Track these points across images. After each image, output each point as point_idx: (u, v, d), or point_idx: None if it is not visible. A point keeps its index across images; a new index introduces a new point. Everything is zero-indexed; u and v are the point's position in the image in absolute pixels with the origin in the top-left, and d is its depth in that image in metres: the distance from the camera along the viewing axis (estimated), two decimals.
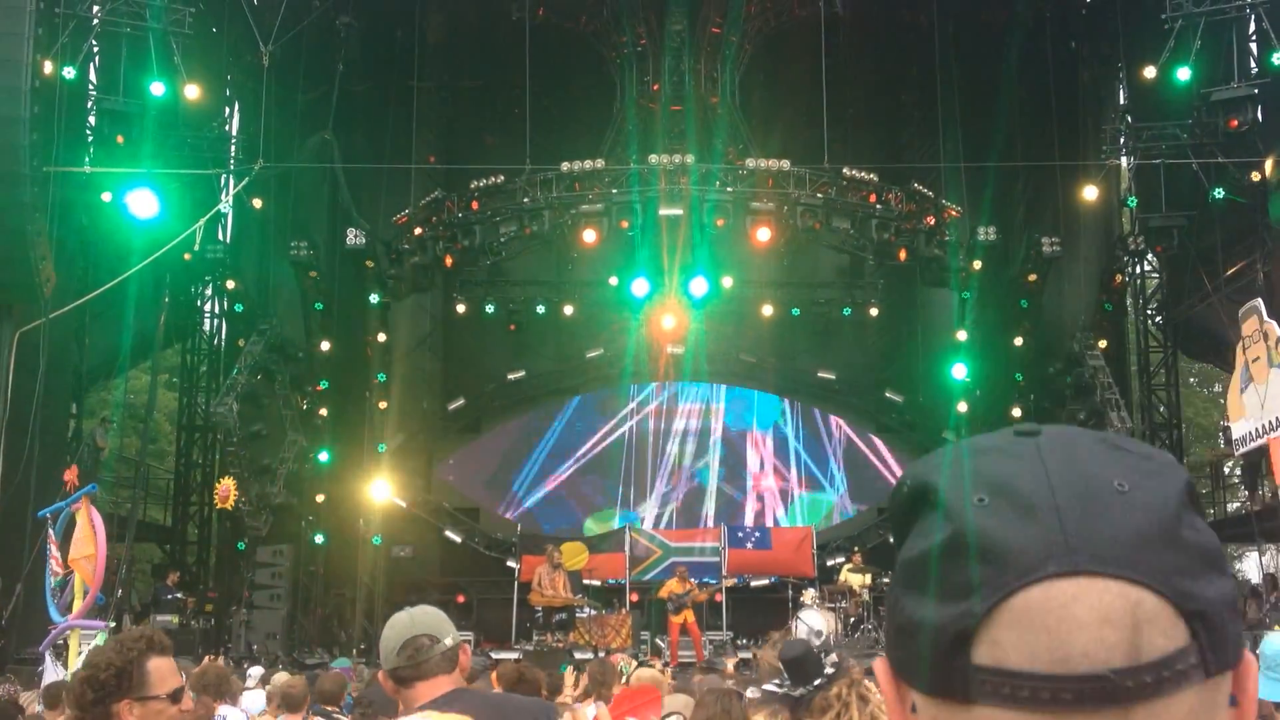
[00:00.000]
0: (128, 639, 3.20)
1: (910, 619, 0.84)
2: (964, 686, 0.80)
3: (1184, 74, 19.66)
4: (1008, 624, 0.79)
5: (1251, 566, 34.03)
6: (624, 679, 8.53)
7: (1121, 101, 23.46)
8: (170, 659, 3.24)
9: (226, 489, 19.47)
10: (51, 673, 9.14)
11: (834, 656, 3.65)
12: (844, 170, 21.38)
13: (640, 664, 11.19)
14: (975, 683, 0.80)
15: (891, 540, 0.91)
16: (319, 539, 22.45)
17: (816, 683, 3.31)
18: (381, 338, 23.77)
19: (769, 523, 26.09)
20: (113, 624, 11.10)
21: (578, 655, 17.00)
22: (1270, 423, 16.65)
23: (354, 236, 21.87)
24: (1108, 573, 0.79)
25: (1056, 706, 0.77)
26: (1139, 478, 0.83)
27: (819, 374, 26.71)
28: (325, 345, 22.92)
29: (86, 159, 19.56)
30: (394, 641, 3.29)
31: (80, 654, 9.17)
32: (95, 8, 18.56)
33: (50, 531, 9.94)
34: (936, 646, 0.81)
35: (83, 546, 9.04)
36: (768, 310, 25.94)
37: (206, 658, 12.90)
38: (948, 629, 0.81)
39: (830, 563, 23.38)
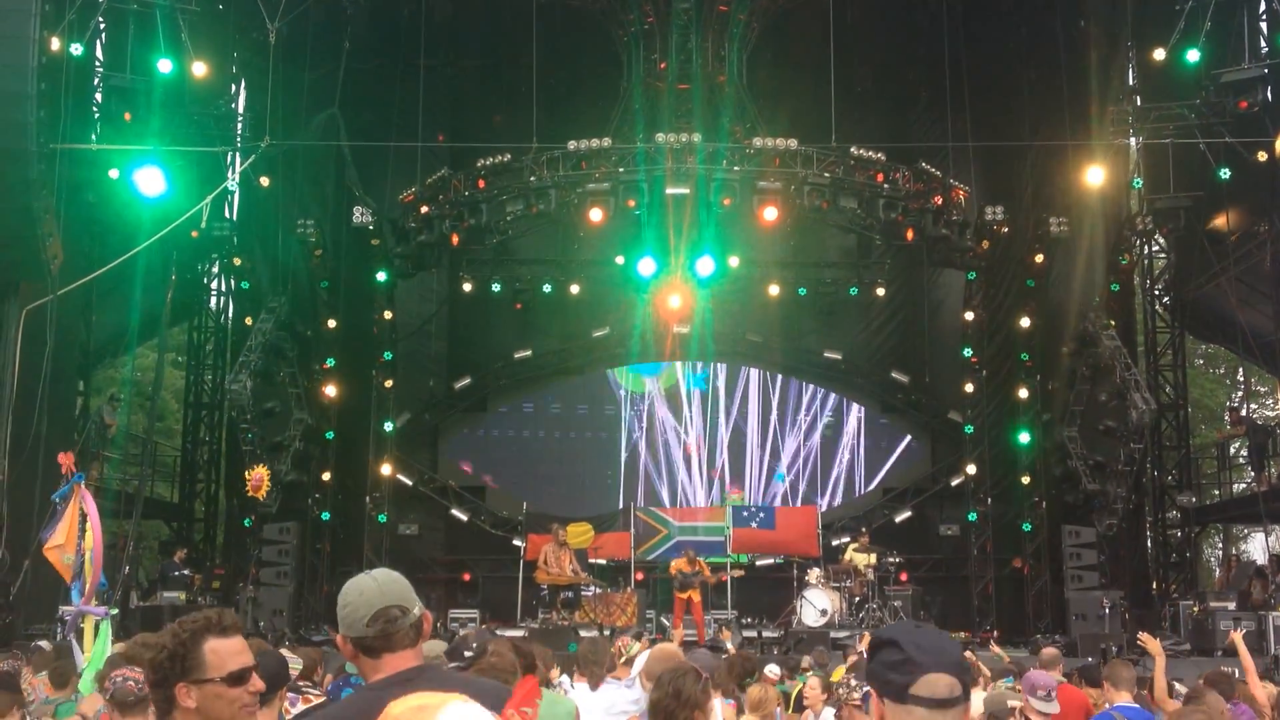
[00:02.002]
0: (185, 620, 3.12)
1: (891, 680, 2.50)
2: (905, 700, 2.48)
3: (1193, 55, 19.57)
4: (921, 683, 2.47)
5: (1257, 548, 34.05)
6: (622, 659, 8.53)
7: (1130, 82, 23.37)
8: (234, 639, 3.15)
9: (260, 478, 19.04)
10: (77, 657, 9.15)
11: (476, 644, 4.58)
12: (851, 149, 21.28)
13: (650, 641, 11.19)
14: (910, 699, 2.47)
15: (868, 654, 2.65)
16: (325, 516, 22.50)
17: (456, 665, 4.64)
18: (388, 316, 23.78)
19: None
20: (114, 611, 11.05)
21: (583, 634, 17.07)
22: None
23: (360, 214, 21.84)
24: (946, 671, 2.49)
25: (933, 708, 2.46)
26: (945, 640, 2.58)
27: (825, 354, 26.68)
28: (332, 323, 22.94)
29: (93, 136, 19.58)
30: (363, 610, 3.23)
31: (95, 637, 9.20)
32: None
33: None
34: (899, 687, 2.48)
35: (58, 537, 9.02)
36: (774, 290, 25.88)
37: None
38: (901, 682, 2.48)
39: (835, 542, 23.42)
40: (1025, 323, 22.65)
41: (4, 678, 7.84)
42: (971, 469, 23.77)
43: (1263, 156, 18.99)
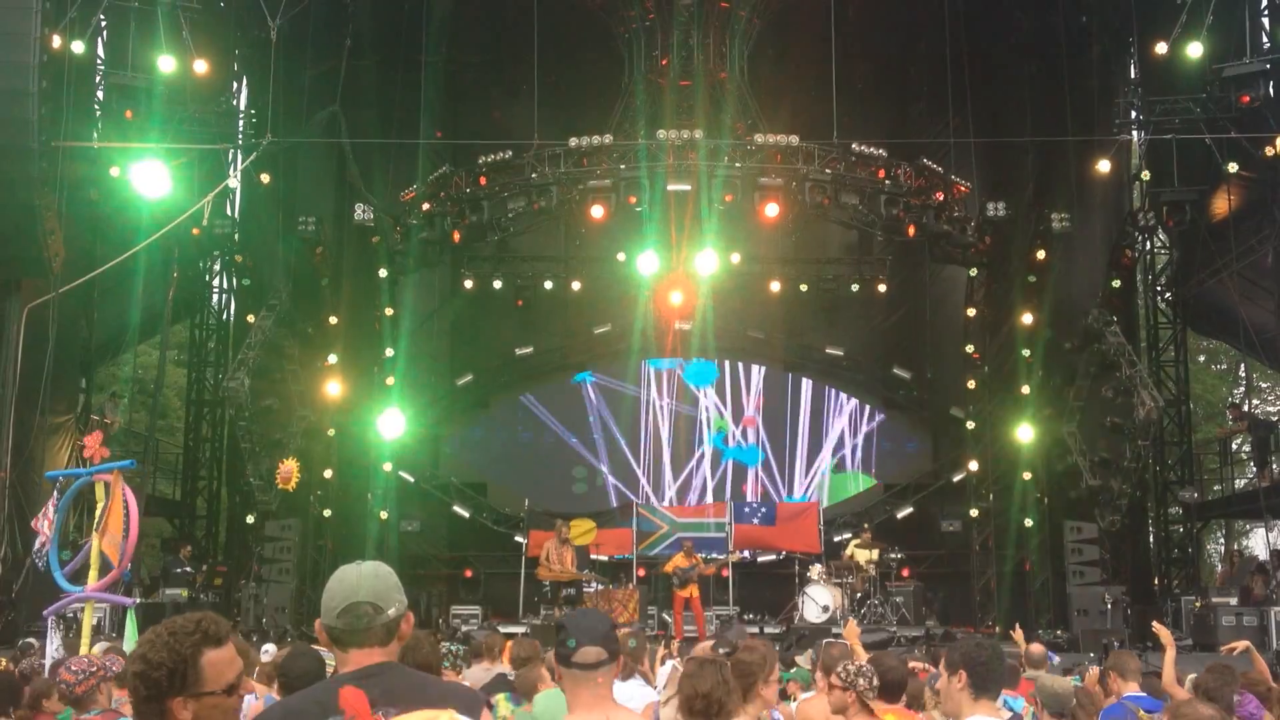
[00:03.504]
0: (181, 634, 3.01)
1: (561, 653, 3.84)
2: (571, 666, 3.76)
3: (1195, 49, 19.52)
4: (578, 653, 3.75)
5: (1259, 543, 34.03)
6: None
7: (1133, 76, 23.32)
8: (226, 648, 3.08)
9: (289, 470, 19.30)
10: (52, 639, 9.21)
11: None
12: (853, 145, 21.27)
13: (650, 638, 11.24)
14: (573, 665, 3.76)
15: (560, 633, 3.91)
16: (327, 513, 22.51)
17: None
18: (389, 313, 23.77)
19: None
20: (138, 600, 11.12)
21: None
22: None
23: (362, 211, 21.82)
24: (595, 644, 3.77)
25: (585, 669, 3.77)
26: (597, 622, 3.93)
27: (827, 350, 26.69)
28: (333, 320, 22.94)
29: (95, 134, 19.56)
30: (336, 600, 3.24)
31: (93, 625, 9.26)
32: None
33: (55, 495, 9.94)
34: (565, 657, 3.79)
35: (114, 528, 9.04)
36: (776, 286, 25.90)
37: None
38: (566, 653, 3.78)
39: (837, 538, 23.44)
40: (1027, 319, 22.63)
41: (7, 680, 7.84)
42: (973, 465, 23.76)
43: (1270, 151, 18.91)
